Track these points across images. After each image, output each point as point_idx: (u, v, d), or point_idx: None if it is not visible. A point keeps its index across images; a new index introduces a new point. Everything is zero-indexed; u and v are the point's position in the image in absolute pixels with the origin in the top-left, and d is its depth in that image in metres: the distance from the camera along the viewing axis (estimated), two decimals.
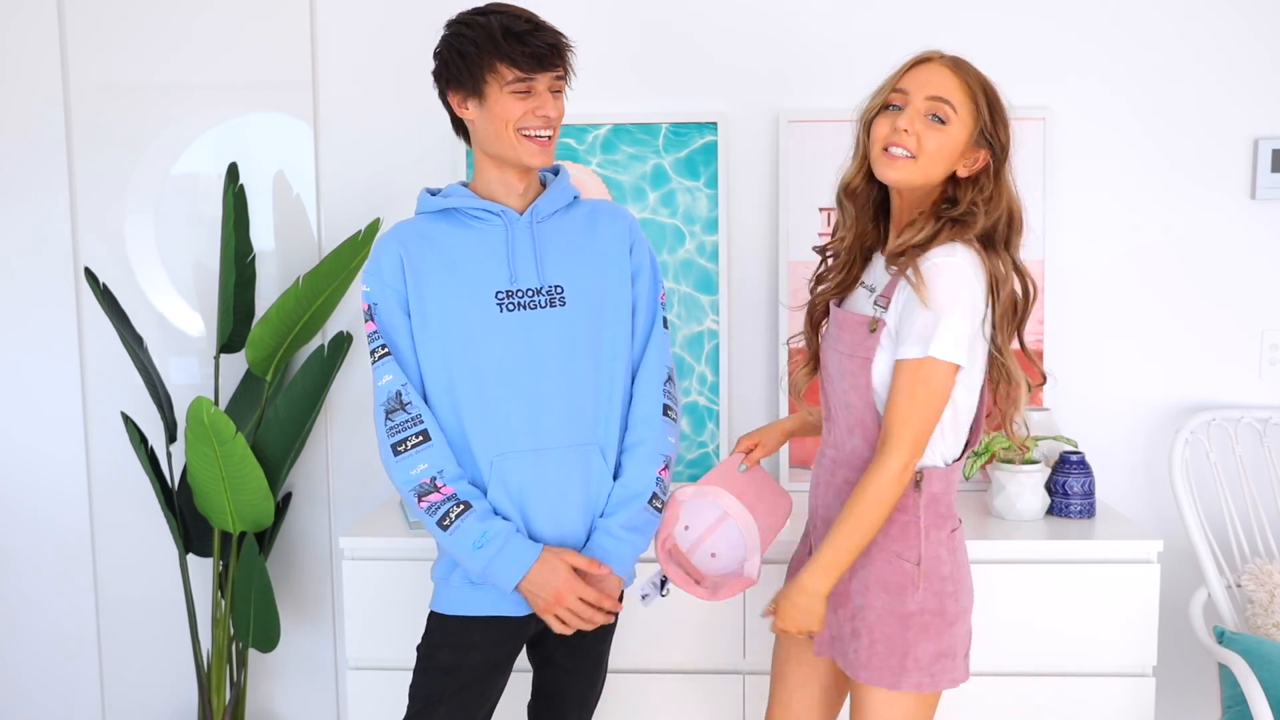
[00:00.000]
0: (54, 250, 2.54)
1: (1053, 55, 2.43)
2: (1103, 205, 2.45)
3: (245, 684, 2.46)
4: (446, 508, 1.61)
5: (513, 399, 1.65)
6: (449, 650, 1.69)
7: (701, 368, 2.48)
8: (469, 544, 1.61)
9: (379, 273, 1.67)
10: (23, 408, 2.58)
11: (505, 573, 1.62)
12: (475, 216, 1.68)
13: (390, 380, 1.64)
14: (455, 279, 1.65)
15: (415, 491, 1.63)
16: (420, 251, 1.66)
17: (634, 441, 1.73)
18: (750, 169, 2.49)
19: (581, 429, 1.68)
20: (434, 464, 1.63)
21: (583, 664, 1.80)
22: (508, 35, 1.59)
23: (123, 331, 2.35)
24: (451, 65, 1.63)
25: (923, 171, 1.56)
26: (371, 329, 1.67)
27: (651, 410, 1.74)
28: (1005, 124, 1.59)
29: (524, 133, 1.63)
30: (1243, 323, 2.45)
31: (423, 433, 1.63)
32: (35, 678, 2.64)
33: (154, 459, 2.38)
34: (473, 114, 1.65)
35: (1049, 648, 2.05)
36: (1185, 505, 2.28)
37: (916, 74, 1.58)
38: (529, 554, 1.62)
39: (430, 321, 1.66)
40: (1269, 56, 2.40)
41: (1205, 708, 2.49)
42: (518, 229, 1.68)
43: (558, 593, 1.63)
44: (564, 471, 1.67)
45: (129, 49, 2.50)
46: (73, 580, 2.61)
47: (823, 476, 1.71)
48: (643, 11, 2.47)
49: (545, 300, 1.67)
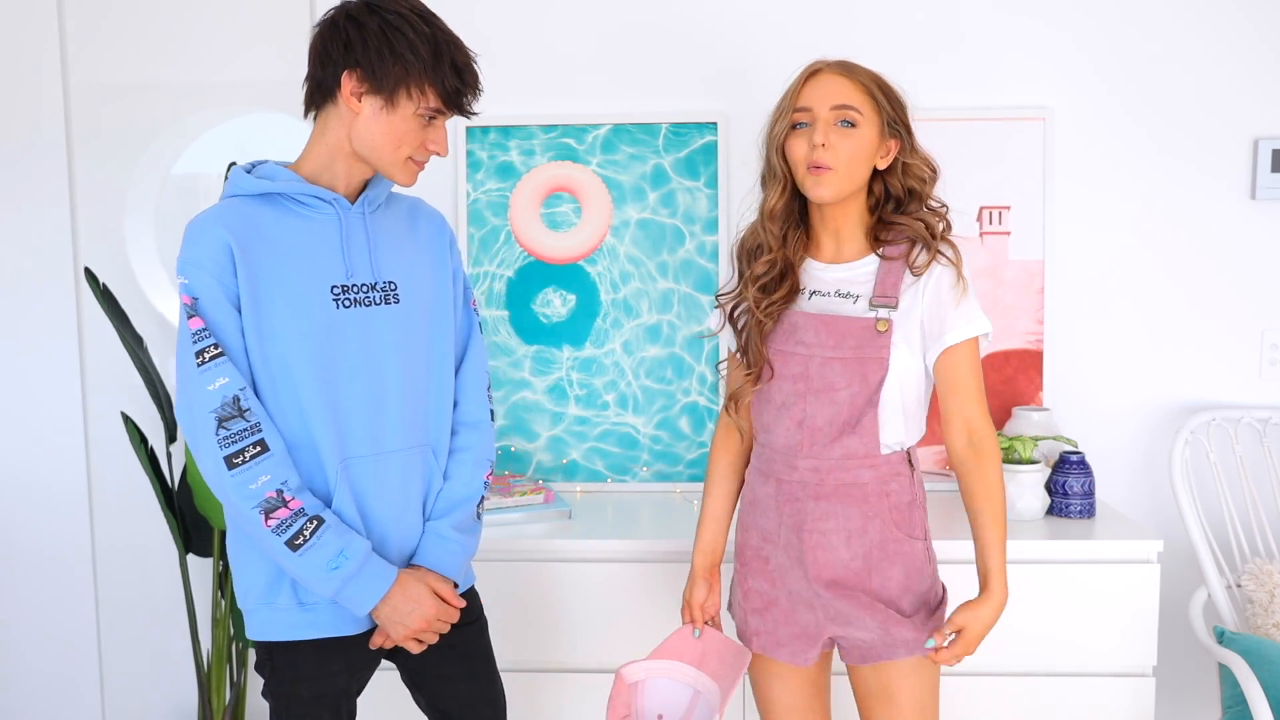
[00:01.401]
0: (54, 250, 2.54)
1: (1052, 55, 2.43)
2: (1102, 205, 2.45)
3: (245, 684, 2.46)
4: (299, 525, 1.47)
5: (355, 400, 1.55)
6: (309, 683, 1.58)
7: (701, 368, 2.48)
8: (323, 564, 1.48)
9: (201, 263, 1.47)
10: (23, 408, 2.58)
11: (361, 597, 1.52)
12: (303, 203, 1.54)
13: (225, 384, 1.46)
14: (288, 272, 1.51)
15: (261, 508, 1.46)
16: (249, 239, 1.49)
17: (463, 445, 1.68)
18: (750, 169, 2.47)
19: (418, 430, 1.62)
20: (276, 475, 1.48)
21: (478, 664, 1.71)
22: (450, 65, 1.50)
23: (123, 331, 2.35)
24: (374, 53, 1.48)
25: (848, 179, 1.59)
26: (197, 326, 1.47)
27: (479, 415, 1.69)
28: (902, 106, 1.63)
29: (411, 158, 1.55)
30: (1243, 323, 2.45)
31: (260, 442, 1.47)
32: (35, 678, 2.64)
33: (154, 459, 2.38)
34: (365, 109, 1.51)
35: (1049, 648, 2.05)
36: (1185, 505, 2.28)
37: (812, 88, 1.61)
38: (386, 577, 1.53)
39: (265, 318, 1.50)
40: (1269, 56, 2.40)
41: (1205, 708, 2.49)
42: (351, 220, 1.57)
43: (425, 621, 1.56)
44: (406, 475, 1.60)
45: (129, 49, 2.50)
46: (73, 580, 2.61)
47: (793, 492, 1.65)
48: (643, 12, 2.47)
49: (380, 296, 1.58)
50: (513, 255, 2.49)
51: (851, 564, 1.63)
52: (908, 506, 1.65)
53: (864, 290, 1.63)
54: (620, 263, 2.48)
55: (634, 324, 2.48)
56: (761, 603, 1.71)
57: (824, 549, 1.63)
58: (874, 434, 1.62)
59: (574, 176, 2.47)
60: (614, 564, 2.09)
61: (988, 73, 2.43)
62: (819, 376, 1.62)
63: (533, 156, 2.48)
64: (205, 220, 1.50)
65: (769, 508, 1.68)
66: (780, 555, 1.67)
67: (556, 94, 2.49)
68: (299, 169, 1.58)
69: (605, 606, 2.10)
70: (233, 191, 1.56)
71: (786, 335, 1.64)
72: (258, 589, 1.56)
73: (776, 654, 1.70)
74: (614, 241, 2.48)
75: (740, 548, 1.75)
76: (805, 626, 1.68)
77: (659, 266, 2.47)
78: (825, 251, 1.67)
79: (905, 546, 1.64)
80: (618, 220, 2.48)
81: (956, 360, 1.60)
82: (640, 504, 2.37)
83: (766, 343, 1.65)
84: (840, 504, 1.63)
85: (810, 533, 1.64)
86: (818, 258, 1.68)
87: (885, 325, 1.59)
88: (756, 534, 1.71)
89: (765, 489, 1.69)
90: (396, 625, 1.56)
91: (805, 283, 1.67)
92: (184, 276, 1.49)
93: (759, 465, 1.71)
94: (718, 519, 1.79)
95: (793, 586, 1.67)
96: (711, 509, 1.79)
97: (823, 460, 1.63)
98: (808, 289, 1.66)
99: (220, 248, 1.48)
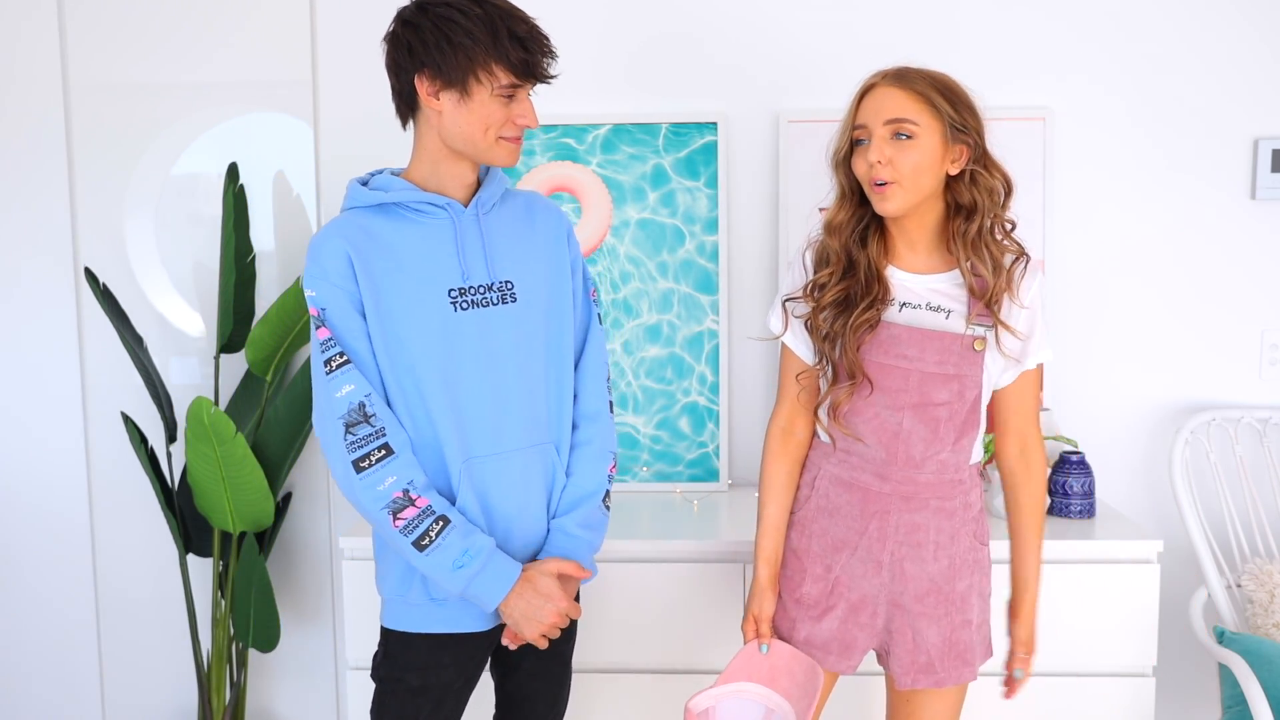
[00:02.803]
0: (54, 250, 2.54)
1: (1052, 55, 2.43)
2: (1102, 205, 2.45)
3: (245, 684, 2.46)
4: (426, 525, 1.52)
5: (477, 400, 1.58)
6: (418, 672, 1.62)
7: (701, 368, 2.48)
8: (449, 563, 1.53)
9: (325, 275, 1.53)
10: (23, 408, 2.58)
11: (487, 594, 1.55)
12: (418, 210, 1.58)
13: (352, 390, 1.52)
14: (407, 277, 1.55)
15: (389, 509, 1.51)
16: (367, 249, 1.54)
17: (584, 439, 1.69)
18: (750, 169, 2.49)
19: (539, 428, 1.64)
20: (402, 475, 1.52)
21: (552, 666, 1.75)
22: (511, 37, 1.50)
23: (123, 331, 2.35)
24: (435, 50, 1.50)
25: (913, 191, 1.57)
26: (324, 336, 1.53)
27: (599, 408, 1.70)
28: (970, 108, 1.59)
29: (502, 137, 1.56)
30: (1243, 323, 2.45)
31: (384, 446, 1.52)
32: (35, 677, 2.64)
33: (154, 459, 2.38)
34: (445, 106, 1.53)
35: (1049, 648, 2.05)
36: (1185, 505, 2.28)
37: (868, 104, 1.59)
38: (511, 573, 1.56)
39: (388, 323, 1.54)
40: (1269, 56, 2.40)
41: (1205, 708, 2.49)
42: (464, 223, 1.59)
43: (559, 615, 1.59)
44: (527, 473, 1.62)
45: (129, 49, 2.50)
46: (73, 580, 2.61)
47: (883, 504, 1.65)
48: (643, 12, 2.47)
49: (497, 297, 1.60)
50: None
51: (938, 574, 1.65)
52: (980, 515, 1.71)
53: (955, 305, 1.62)
54: (620, 263, 2.48)
55: (634, 324, 2.48)
56: (817, 610, 1.69)
57: (914, 561, 1.65)
58: (969, 450, 1.65)
59: (574, 176, 2.47)
60: (614, 564, 2.09)
61: (988, 73, 2.43)
62: (919, 390, 1.61)
63: (533, 156, 2.48)
64: (325, 235, 1.55)
65: (849, 516, 1.67)
66: (855, 564, 1.67)
67: (556, 94, 2.49)
68: (410, 177, 1.61)
69: (605, 607, 2.10)
70: (349, 204, 1.60)
71: (886, 348, 1.61)
72: (391, 580, 1.62)
73: (824, 662, 1.69)
74: (614, 241, 2.48)
75: (798, 554, 1.72)
76: (858, 636, 1.68)
77: (659, 266, 2.47)
78: (907, 261, 1.65)
79: (979, 554, 1.70)
80: (618, 220, 2.48)
81: (1029, 380, 1.68)
82: (640, 504, 2.37)
83: (862, 354, 1.62)
84: (933, 516, 1.64)
85: (901, 544, 1.65)
86: (901, 266, 1.65)
87: (982, 345, 1.60)
88: (825, 541, 1.69)
89: (847, 498, 1.67)
90: (530, 622, 1.58)
91: (894, 293, 1.64)
92: (311, 289, 1.54)
93: (839, 474, 1.68)
94: (779, 528, 1.74)
95: (865, 592, 1.67)
96: (774, 518, 1.73)
97: (917, 473, 1.64)
98: (898, 300, 1.63)
99: (339, 258, 1.53)
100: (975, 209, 1.59)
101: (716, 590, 2.08)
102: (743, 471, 2.54)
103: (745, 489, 2.49)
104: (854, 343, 1.62)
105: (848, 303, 1.63)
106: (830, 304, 1.64)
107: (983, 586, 1.71)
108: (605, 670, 2.11)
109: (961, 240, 1.60)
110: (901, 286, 1.64)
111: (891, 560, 1.65)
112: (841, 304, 1.63)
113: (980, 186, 1.59)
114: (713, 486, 2.48)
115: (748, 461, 2.54)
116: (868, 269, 1.63)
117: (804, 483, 1.75)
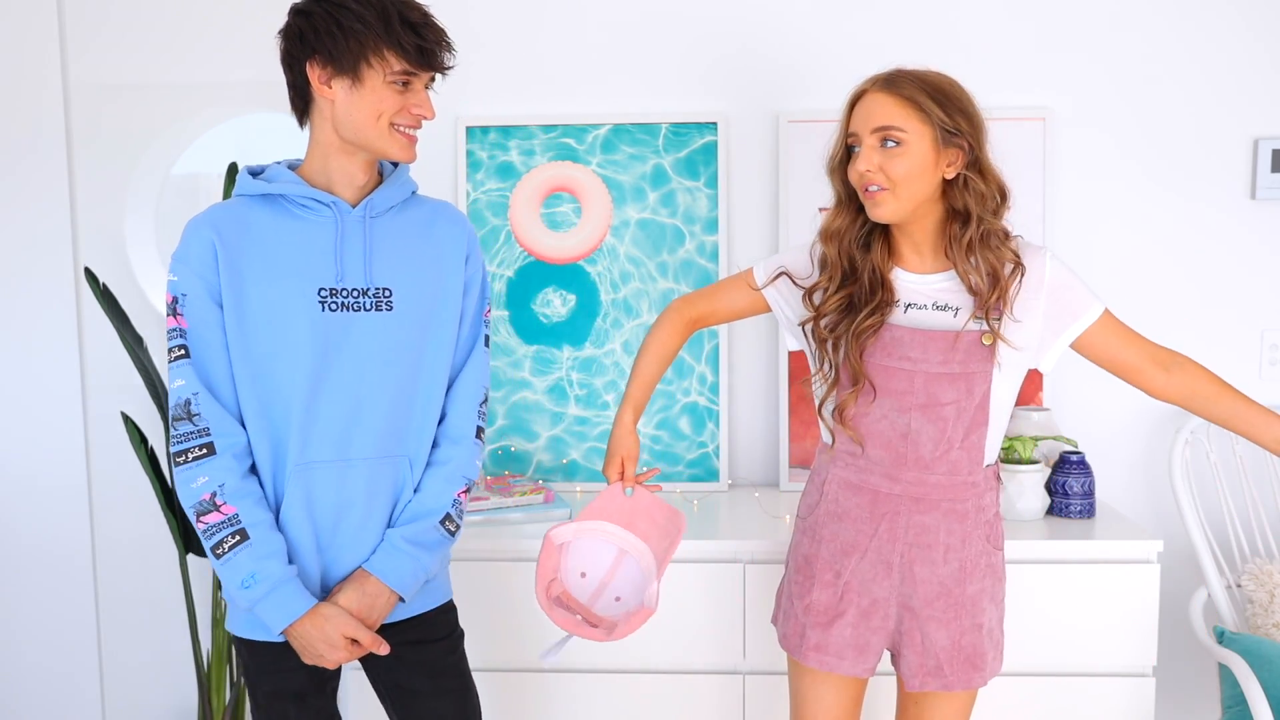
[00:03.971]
0: (54, 250, 2.54)
1: (1052, 56, 2.43)
2: (1102, 205, 2.45)
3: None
4: (223, 535, 1.49)
5: (331, 403, 1.54)
6: (269, 676, 1.61)
7: (701, 368, 2.48)
8: (237, 580, 1.50)
9: (188, 260, 1.51)
10: (23, 408, 2.58)
11: (269, 618, 1.52)
12: (303, 205, 1.55)
13: (181, 386, 1.50)
14: (276, 272, 1.52)
15: (195, 509, 1.50)
16: (237, 239, 1.51)
17: (441, 459, 1.64)
18: (750, 169, 2.49)
19: (394, 440, 1.60)
20: (215, 477, 1.49)
21: (450, 680, 1.69)
22: (402, 23, 1.48)
23: (123, 331, 2.35)
24: (325, 36, 1.48)
25: (906, 198, 1.56)
26: (173, 325, 1.51)
27: (465, 430, 1.66)
28: (964, 111, 1.56)
29: (396, 127, 1.53)
30: (1243, 323, 2.45)
31: (206, 445, 1.49)
32: (35, 677, 2.64)
33: (154, 459, 2.37)
34: (337, 94, 1.51)
35: (1049, 648, 2.05)
36: (1185, 505, 2.28)
37: (859, 111, 1.58)
38: (297, 607, 1.52)
39: (246, 316, 1.51)
40: (1269, 57, 2.40)
41: (1205, 708, 2.49)
42: (348, 223, 1.56)
43: (334, 662, 1.54)
44: (372, 484, 1.58)
45: (129, 49, 2.50)
46: (73, 580, 2.61)
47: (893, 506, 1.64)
48: (643, 11, 2.47)
49: (371, 302, 1.56)
50: (513, 255, 2.49)
51: (948, 577, 1.64)
52: (994, 519, 1.69)
53: (963, 302, 1.61)
54: (620, 263, 2.48)
55: (634, 324, 2.48)
56: (826, 617, 1.68)
57: (924, 563, 1.64)
58: (980, 449, 1.63)
59: (574, 176, 2.47)
60: None
61: (987, 73, 2.43)
62: (925, 391, 1.60)
63: (533, 156, 2.48)
64: (196, 222, 1.53)
65: (859, 519, 1.66)
66: (865, 568, 1.66)
67: (556, 94, 2.50)
68: (301, 171, 1.59)
69: None
70: (237, 191, 1.58)
71: (889, 350, 1.61)
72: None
73: (838, 668, 1.67)
74: (614, 241, 2.48)
75: (807, 559, 1.71)
76: (871, 639, 1.67)
77: (659, 266, 2.47)
78: (912, 262, 1.64)
79: (992, 558, 1.68)
80: (618, 220, 2.48)
81: (1104, 326, 1.63)
82: None
83: (865, 358, 1.62)
84: (943, 519, 1.63)
85: (910, 546, 1.64)
86: (907, 268, 1.64)
87: (991, 338, 1.58)
88: (834, 545, 1.68)
89: (856, 500, 1.67)
90: (305, 651, 1.55)
91: (900, 295, 1.63)
92: (173, 274, 1.53)
93: (848, 477, 1.67)
94: (651, 384, 1.78)
95: (876, 596, 1.66)
96: (649, 374, 1.77)
97: (927, 474, 1.63)
98: (903, 301, 1.62)
99: (205, 246, 1.51)
100: (970, 215, 1.58)
101: (716, 590, 2.08)
102: (743, 471, 2.54)
103: (745, 489, 2.49)
104: (857, 348, 1.60)
105: (851, 308, 1.62)
106: (833, 310, 1.63)
107: (995, 591, 1.69)
108: (605, 670, 2.11)
109: (956, 245, 1.59)
110: (907, 288, 1.63)
111: (901, 562, 1.65)
112: (845, 310, 1.63)
113: (971, 192, 1.57)
114: (712, 486, 2.48)
115: (748, 461, 2.54)
116: (872, 274, 1.62)
117: (812, 488, 1.74)
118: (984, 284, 1.58)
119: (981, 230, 1.58)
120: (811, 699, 1.72)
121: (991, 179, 1.58)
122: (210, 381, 1.52)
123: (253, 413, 1.53)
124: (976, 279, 1.58)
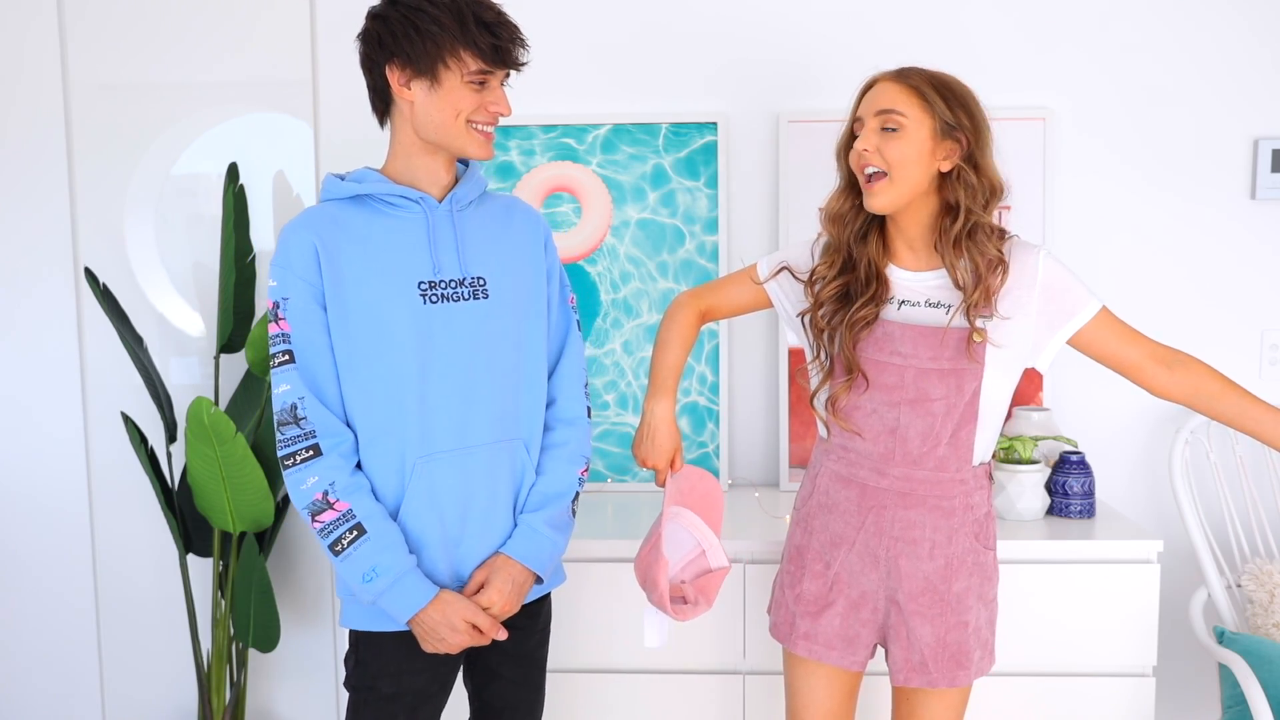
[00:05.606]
0: (54, 250, 2.54)
1: (1052, 56, 2.43)
2: (1102, 205, 2.45)
3: (245, 684, 2.45)
4: (340, 531, 1.51)
5: (444, 394, 1.57)
6: (390, 678, 1.60)
7: (701, 368, 2.48)
8: (358, 574, 1.52)
9: (289, 264, 1.53)
10: (23, 407, 2.58)
11: (394, 609, 1.54)
12: (391, 203, 1.58)
13: (287, 390, 1.53)
14: (376, 269, 1.55)
15: (309, 510, 1.52)
16: (336, 240, 1.54)
17: (558, 441, 1.68)
18: (750, 169, 2.49)
19: (508, 424, 1.63)
20: (324, 476, 1.52)
21: (530, 672, 1.74)
22: (477, 23, 1.51)
23: (123, 331, 2.35)
24: (403, 39, 1.51)
25: (902, 185, 1.58)
26: (275, 331, 1.54)
27: (576, 412, 1.70)
28: (967, 108, 1.59)
29: (474, 125, 1.56)
30: (1243, 323, 2.45)
31: (313, 447, 1.52)
32: (35, 677, 2.64)
33: (154, 459, 2.38)
34: (416, 96, 1.54)
35: (1049, 648, 2.05)
36: (1185, 505, 2.28)
37: (868, 98, 1.62)
38: (421, 597, 1.54)
39: (350, 315, 1.54)
40: (1269, 57, 2.40)
41: (1205, 708, 2.49)
42: (438, 217, 1.59)
43: (457, 647, 1.56)
44: (493, 469, 1.61)
45: (129, 49, 2.50)
46: (73, 580, 2.61)
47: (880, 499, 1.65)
48: (643, 11, 2.47)
49: (469, 292, 1.59)
50: None
51: (933, 573, 1.65)
52: (984, 518, 1.69)
53: (955, 299, 1.62)
54: (620, 263, 2.48)
55: (634, 324, 2.48)
56: (816, 606, 1.70)
57: (909, 558, 1.65)
58: (969, 447, 1.64)
59: (574, 176, 2.47)
60: (614, 564, 2.09)
61: (988, 73, 2.43)
62: (914, 387, 1.61)
63: (533, 156, 2.48)
64: (293, 226, 1.56)
65: (847, 512, 1.68)
66: (854, 560, 1.68)
67: (556, 94, 2.49)
68: (385, 171, 1.62)
69: (606, 607, 2.10)
70: (325, 196, 1.61)
71: (881, 345, 1.63)
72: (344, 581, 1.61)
73: (827, 658, 1.69)
74: (614, 241, 2.48)
75: (798, 550, 1.74)
76: (860, 631, 1.69)
77: (659, 266, 2.47)
78: (906, 259, 1.66)
79: (981, 557, 1.68)
80: (618, 220, 2.48)
81: (1102, 323, 1.63)
82: (640, 504, 2.37)
83: (858, 350, 1.63)
84: (929, 514, 1.64)
85: (896, 540, 1.65)
86: (901, 265, 1.66)
87: (981, 336, 1.59)
88: (824, 537, 1.70)
89: (846, 493, 1.68)
90: (426, 639, 1.57)
91: (894, 291, 1.65)
92: (273, 279, 1.55)
93: (839, 469, 1.69)
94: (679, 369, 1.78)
95: (864, 588, 1.68)
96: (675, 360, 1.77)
97: (915, 470, 1.64)
98: (897, 298, 1.65)
99: (305, 249, 1.53)
100: (959, 207, 1.59)
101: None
102: (743, 471, 2.54)
103: (745, 489, 2.49)
104: (851, 339, 1.63)
105: (846, 298, 1.64)
106: (829, 299, 1.66)
107: (984, 590, 1.69)
108: (605, 670, 2.11)
109: (946, 239, 1.60)
110: (901, 285, 1.65)
111: (888, 556, 1.66)
112: (840, 299, 1.65)
113: (963, 185, 1.59)
114: None
115: (748, 461, 2.54)
116: (868, 267, 1.64)
117: (807, 480, 1.77)
118: (968, 280, 1.60)
119: (970, 224, 1.59)
120: (804, 690, 1.74)
121: (985, 176, 1.60)
122: (315, 384, 1.54)
123: (361, 410, 1.56)
124: (963, 275, 1.60)
